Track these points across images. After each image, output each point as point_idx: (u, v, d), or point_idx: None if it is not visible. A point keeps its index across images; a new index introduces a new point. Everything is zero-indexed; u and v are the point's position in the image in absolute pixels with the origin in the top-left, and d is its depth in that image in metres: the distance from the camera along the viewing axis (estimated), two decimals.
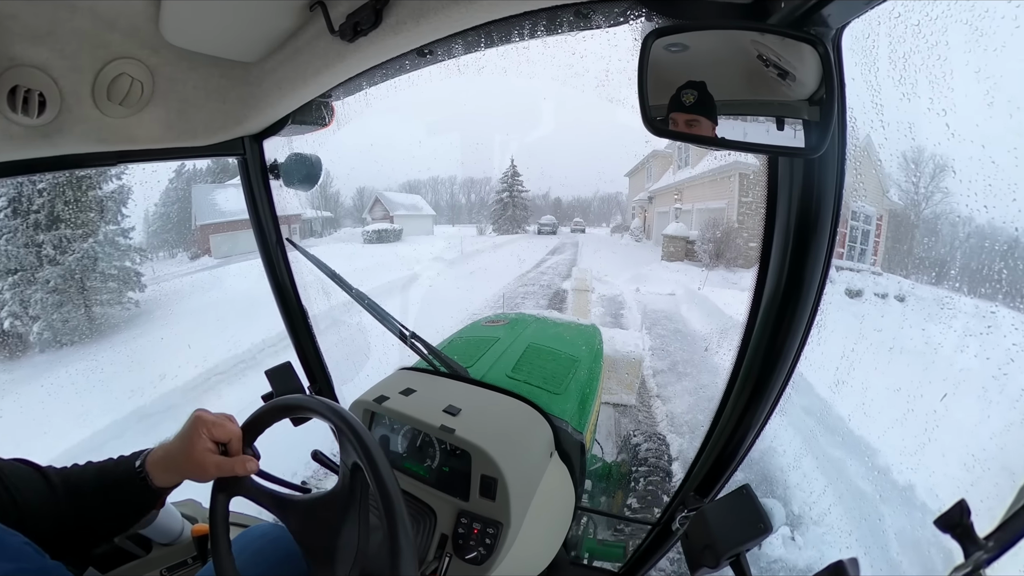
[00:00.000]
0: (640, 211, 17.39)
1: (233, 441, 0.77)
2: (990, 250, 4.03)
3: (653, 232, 15.25)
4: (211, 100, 1.03)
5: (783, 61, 0.56)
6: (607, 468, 2.42)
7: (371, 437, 0.71)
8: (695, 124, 0.61)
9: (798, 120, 0.59)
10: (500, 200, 23.37)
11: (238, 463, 0.75)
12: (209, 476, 0.75)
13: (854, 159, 0.68)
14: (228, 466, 0.75)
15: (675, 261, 12.36)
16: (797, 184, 0.71)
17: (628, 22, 0.74)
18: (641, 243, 16.71)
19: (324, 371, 1.64)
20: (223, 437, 0.76)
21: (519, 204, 23.16)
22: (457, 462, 1.10)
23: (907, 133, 4.09)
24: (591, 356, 2.06)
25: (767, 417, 0.90)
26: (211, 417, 0.76)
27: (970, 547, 0.47)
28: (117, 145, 1.00)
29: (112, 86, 0.89)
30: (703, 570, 0.78)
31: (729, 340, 5.44)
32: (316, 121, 1.19)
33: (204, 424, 0.75)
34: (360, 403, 1.22)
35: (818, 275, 0.75)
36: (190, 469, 0.74)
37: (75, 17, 0.79)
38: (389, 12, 0.76)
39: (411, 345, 1.40)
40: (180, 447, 0.75)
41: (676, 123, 0.60)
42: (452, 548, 1.03)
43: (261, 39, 0.92)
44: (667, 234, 12.93)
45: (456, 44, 0.86)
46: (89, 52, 0.84)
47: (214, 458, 0.74)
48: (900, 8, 0.96)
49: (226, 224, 15.06)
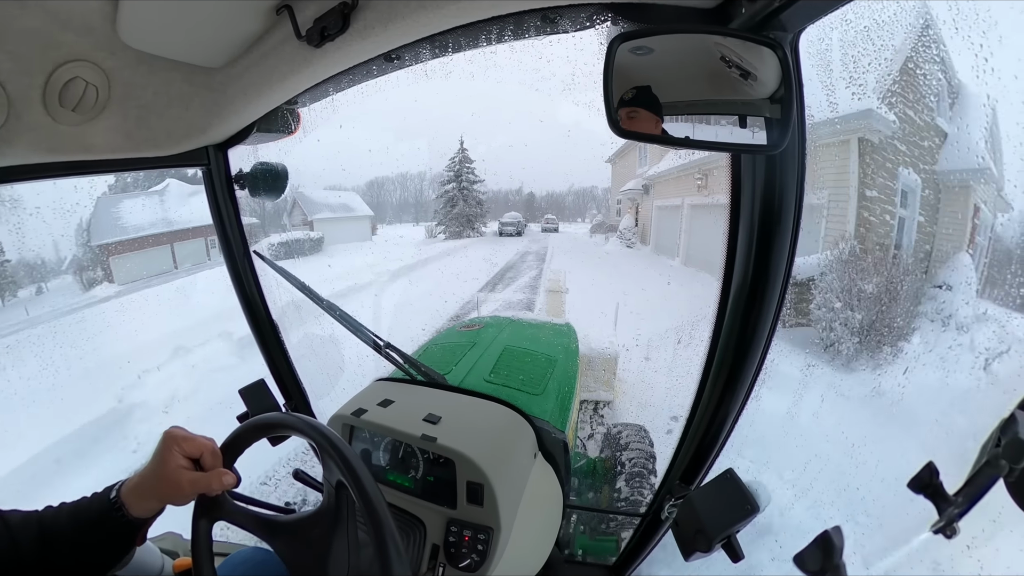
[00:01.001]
0: (630, 206, 13.07)
1: (206, 455, 0.73)
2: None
3: (652, 234, 11.19)
4: (173, 107, 0.99)
5: (745, 62, 0.59)
6: (592, 464, 2.45)
7: (353, 452, 0.70)
8: (635, 115, 0.63)
9: (759, 118, 0.62)
10: (445, 194, 18.04)
11: (214, 477, 0.71)
12: (185, 494, 0.71)
13: (814, 153, 0.72)
14: (204, 482, 0.71)
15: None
16: (760, 179, 0.75)
17: (594, 26, 0.76)
18: (635, 249, 11.94)
19: (299, 386, 1.60)
20: (195, 452, 0.72)
21: (471, 199, 17.97)
22: (441, 471, 1.09)
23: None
24: (567, 355, 2.08)
25: (744, 403, 0.93)
26: (183, 432, 0.73)
27: (942, 504, 0.51)
28: (70, 155, 0.94)
29: (64, 91, 0.83)
30: (697, 555, 0.81)
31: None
32: (282, 128, 1.17)
33: (176, 440, 0.71)
34: (338, 417, 1.20)
35: (783, 264, 0.79)
36: (165, 489, 0.71)
37: (24, 15, 0.73)
38: (357, 17, 0.75)
39: (386, 355, 1.38)
40: (153, 468, 0.71)
41: (620, 118, 0.63)
42: (445, 557, 1.02)
43: (226, 43, 0.88)
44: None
45: (424, 49, 0.86)
46: (40, 53, 0.78)
47: (188, 474, 0.71)
48: (851, 15, 1.05)
49: (133, 242, 12.22)
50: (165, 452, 0.70)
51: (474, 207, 18.10)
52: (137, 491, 0.71)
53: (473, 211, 17.99)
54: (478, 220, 18.03)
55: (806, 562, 0.59)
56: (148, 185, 13.41)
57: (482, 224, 18.03)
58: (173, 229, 12.68)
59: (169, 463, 0.70)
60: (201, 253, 13.14)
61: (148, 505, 0.71)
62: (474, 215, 18.03)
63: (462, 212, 17.82)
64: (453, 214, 17.83)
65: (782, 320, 0.85)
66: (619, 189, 14.00)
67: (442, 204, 18.18)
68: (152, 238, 12.39)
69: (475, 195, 18.10)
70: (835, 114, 4.07)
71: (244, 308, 1.47)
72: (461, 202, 17.85)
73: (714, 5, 0.61)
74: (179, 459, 0.71)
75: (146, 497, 0.71)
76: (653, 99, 0.63)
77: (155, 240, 12.45)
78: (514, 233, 17.24)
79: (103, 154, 0.97)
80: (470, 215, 17.92)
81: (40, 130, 0.86)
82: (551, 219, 18.73)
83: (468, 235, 17.65)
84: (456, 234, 17.63)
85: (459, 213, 17.78)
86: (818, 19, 0.58)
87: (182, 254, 12.97)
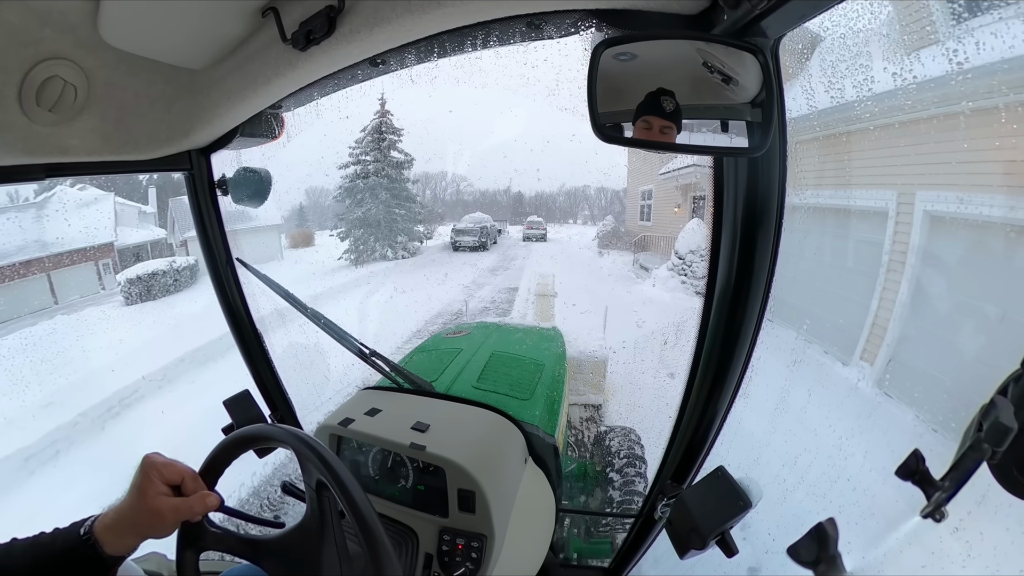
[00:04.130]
0: (681, 199, 7.89)
1: (187, 480, 0.70)
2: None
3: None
4: (154, 109, 0.96)
5: (727, 67, 0.61)
6: (583, 467, 2.45)
7: (331, 453, 0.69)
8: (669, 131, 0.63)
9: (741, 122, 0.64)
10: (350, 185, 10.70)
11: (196, 501, 0.68)
12: (167, 523, 0.68)
13: (794, 155, 0.74)
14: (186, 507, 0.68)
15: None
16: (742, 181, 0.77)
17: (579, 33, 0.77)
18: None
19: (284, 396, 1.57)
20: (175, 478, 0.69)
21: (400, 192, 10.72)
22: (432, 479, 1.08)
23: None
24: (555, 359, 2.09)
25: (731, 401, 0.95)
26: (161, 459, 0.70)
27: (929, 490, 0.52)
28: (46, 157, 0.91)
29: (41, 90, 0.80)
30: (692, 552, 0.81)
31: None
32: (266, 133, 1.15)
33: (154, 467, 0.68)
34: (325, 428, 1.18)
35: (767, 263, 0.81)
36: (146, 521, 0.66)
37: (1, 10, 0.71)
38: (343, 21, 0.75)
39: (372, 363, 1.36)
40: (132, 500, 0.67)
41: (651, 126, 0.63)
42: (439, 567, 1.01)
43: (210, 44, 0.87)
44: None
45: (409, 54, 0.86)
46: (16, 51, 0.75)
47: (169, 501, 0.67)
48: (828, 23, 1.08)
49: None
50: (143, 481, 0.67)
51: (403, 205, 10.48)
52: (115, 526, 0.66)
53: (397, 212, 10.45)
54: (407, 229, 10.65)
55: (800, 553, 0.60)
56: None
57: (419, 236, 10.97)
58: (51, 253, 9.70)
59: (149, 491, 0.66)
60: (92, 282, 10.22)
61: (126, 541, 0.67)
62: (404, 218, 10.57)
63: (371, 216, 10.23)
64: (357, 217, 10.37)
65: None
66: (655, 178, 8.30)
67: (347, 200, 10.66)
68: (17, 267, 9.20)
69: (404, 185, 10.63)
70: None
71: (227, 317, 1.44)
72: (382, 193, 10.33)
73: (697, 11, 0.63)
74: (159, 486, 0.67)
75: (124, 533, 0.66)
76: (679, 111, 0.63)
77: (23, 269, 9.25)
78: (475, 245, 10.86)
79: (81, 156, 0.94)
80: (392, 220, 10.39)
81: (15, 130, 0.82)
82: (535, 222, 13.34)
83: (387, 256, 10.39)
84: (366, 255, 10.33)
85: (368, 217, 10.30)
86: (798, 25, 0.60)
87: (65, 284, 9.75)
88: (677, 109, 0.62)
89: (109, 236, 10.72)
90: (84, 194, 10.65)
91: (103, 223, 10.70)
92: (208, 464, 0.74)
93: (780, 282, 0.84)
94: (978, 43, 2.97)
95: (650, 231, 8.45)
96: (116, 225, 10.92)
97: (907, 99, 3.41)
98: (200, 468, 0.74)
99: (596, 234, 10.82)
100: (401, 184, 10.85)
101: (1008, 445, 0.46)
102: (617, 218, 11.03)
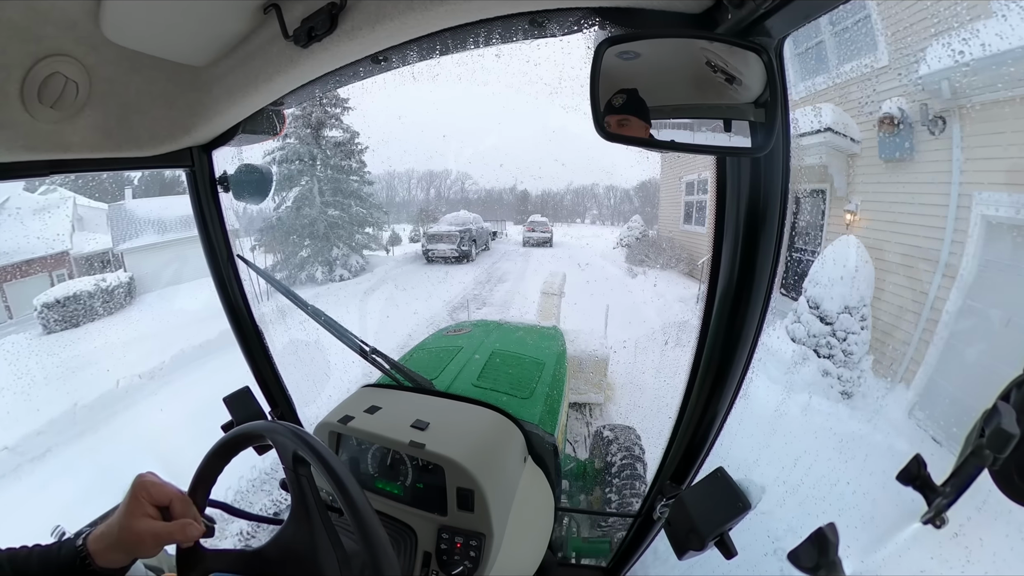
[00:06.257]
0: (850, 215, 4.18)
1: (175, 503, 0.68)
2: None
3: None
4: (156, 106, 0.96)
5: (730, 67, 0.61)
6: (582, 467, 2.45)
7: (329, 451, 0.69)
8: (626, 123, 0.63)
9: (744, 122, 0.64)
10: (285, 183, 7.87)
11: (177, 529, 0.66)
12: (148, 547, 0.66)
13: (797, 156, 0.74)
14: (166, 533, 0.66)
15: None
16: (745, 181, 0.76)
17: (582, 31, 0.77)
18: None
19: (284, 393, 1.57)
20: (164, 499, 0.68)
21: (343, 186, 8.03)
22: (431, 477, 1.08)
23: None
24: (555, 358, 2.09)
25: (732, 402, 0.94)
26: (153, 479, 0.69)
27: (930, 495, 0.52)
28: (48, 153, 0.91)
29: (43, 87, 0.80)
30: (690, 553, 0.81)
31: None
32: (267, 130, 1.15)
33: (144, 487, 0.67)
34: (325, 425, 1.18)
35: (769, 264, 0.80)
36: (128, 542, 0.65)
37: (3, 7, 0.71)
38: (345, 18, 0.75)
39: (372, 361, 1.36)
40: (118, 518, 0.65)
41: (610, 124, 0.63)
42: (437, 565, 1.01)
43: (211, 41, 0.87)
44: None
45: (411, 51, 0.85)
46: (18, 47, 0.75)
47: (152, 526, 0.65)
48: (833, 24, 1.04)
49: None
50: (131, 501, 0.66)
51: (341, 202, 7.71)
52: (103, 541, 0.66)
53: (332, 214, 7.63)
54: (347, 236, 7.76)
55: (801, 559, 0.60)
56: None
57: (367, 245, 8.45)
58: (2, 264, 8.36)
59: (135, 512, 0.66)
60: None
61: (114, 557, 0.66)
62: (339, 224, 7.67)
63: (291, 222, 7.51)
64: (270, 226, 7.81)
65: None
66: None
67: (275, 205, 7.80)
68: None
69: (345, 177, 7.80)
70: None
71: (227, 312, 1.45)
72: (313, 187, 7.50)
73: (701, 11, 0.63)
74: (145, 507, 0.66)
75: (111, 548, 0.66)
76: (640, 104, 0.63)
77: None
78: (454, 255, 8.79)
79: (83, 153, 0.94)
80: (331, 225, 7.59)
81: (17, 127, 0.83)
82: (538, 223, 11.21)
83: (338, 275, 7.78)
84: (290, 278, 7.65)
85: (288, 224, 7.58)
86: (803, 25, 0.59)
87: (19, 297, 8.29)
88: (630, 102, 0.62)
89: (64, 244, 9.08)
90: (45, 198, 9.40)
91: (60, 229, 9.26)
92: (195, 482, 0.74)
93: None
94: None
95: (683, 238, 5.68)
96: (74, 231, 9.44)
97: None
98: (188, 487, 0.73)
99: (618, 240, 8.21)
100: (342, 175, 7.49)
101: (1010, 451, 0.45)
102: (647, 219, 8.30)
